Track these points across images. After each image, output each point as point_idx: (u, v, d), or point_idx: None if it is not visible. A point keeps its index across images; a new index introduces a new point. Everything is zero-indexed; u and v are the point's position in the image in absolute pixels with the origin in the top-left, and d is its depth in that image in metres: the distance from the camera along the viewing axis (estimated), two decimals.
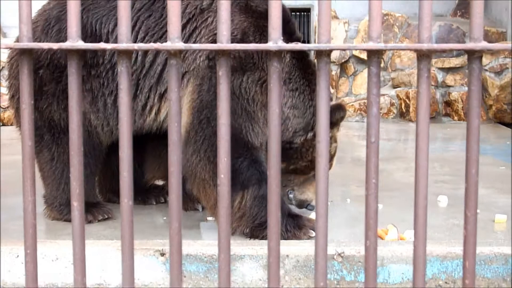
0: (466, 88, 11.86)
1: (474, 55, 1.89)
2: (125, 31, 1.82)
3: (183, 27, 4.63)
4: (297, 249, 4.10)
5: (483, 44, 1.87)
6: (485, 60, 12.00)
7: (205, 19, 4.63)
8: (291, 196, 4.98)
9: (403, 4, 11.48)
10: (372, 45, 1.88)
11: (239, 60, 4.51)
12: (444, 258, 4.02)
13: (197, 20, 4.63)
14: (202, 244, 4.17)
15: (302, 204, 4.98)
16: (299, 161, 4.82)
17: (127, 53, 1.82)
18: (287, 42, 1.91)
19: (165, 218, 5.17)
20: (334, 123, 4.74)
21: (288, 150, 4.71)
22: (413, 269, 2.04)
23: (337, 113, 4.75)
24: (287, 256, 4.07)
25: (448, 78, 11.27)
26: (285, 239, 4.35)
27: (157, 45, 1.82)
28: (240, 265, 4.07)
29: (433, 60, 12.10)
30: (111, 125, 4.93)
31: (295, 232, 4.45)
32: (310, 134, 4.74)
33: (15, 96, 5.10)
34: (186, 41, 4.60)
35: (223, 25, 1.85)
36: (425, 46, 1.87)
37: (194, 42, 4.58)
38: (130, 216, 1.92)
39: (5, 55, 10.74)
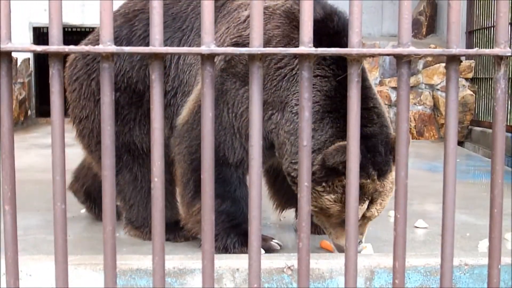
0: (419, 107, 12.17)
1: (402, 60, 1.93)
2: (56, 33, 1.82)
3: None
4: (247, 263, 4.10)
5: (411, 49, 1.91)
6: (437, 79, 12.18)
7: (237, 17, 4.54)
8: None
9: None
10: (303, 49, 1.91)
11: (247, 69, 4.10)
12: (391, 270, 4.05)
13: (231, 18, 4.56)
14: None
15: (341, 249, 4.45)
16: None
17: (57, 55, 1.83)
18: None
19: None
20: (331, 169, 4.08)
21: (294, 185, 4.36)
22: (345, 279, 2.07)
23: (336, 156, 4.05)
24: (238, 269, 4.06)
25: None
26: (231, 253, 4.38)
27: (89, 48, 1.83)
28: (190, 279, 4.04)
29: (387, 80, 12.27)
30: None
31: (242, 249, 4.45)
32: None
33: (93, 120, 5.02)
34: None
35: (156, 29, 1.87)
36: (354, 50, 1.90)
37: (220, 40, 4.49)
38: (64, 219, 1.92)
39: None
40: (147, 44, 4.71)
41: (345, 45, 4.41)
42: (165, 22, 4.71)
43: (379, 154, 4.12)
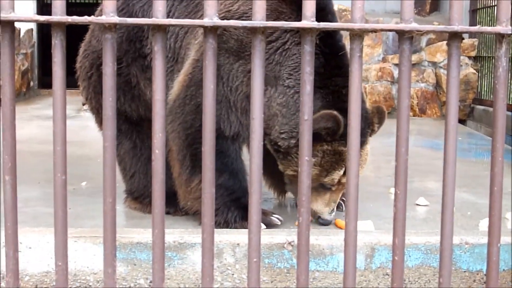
0: (421, 85, 12.15)
1: (404, 36, 1.93)
2: (59, 3, 1.82)
3: None
4: (247, 238, 4.10)
5: (413, 25, 1.91)
6: (440, 57, 12.14)
7: None
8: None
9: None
10: (306, 23, 1.91)
11: (239, 44, 4.33)
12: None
13: None
14: None
15: (312, 216, 4.55)
16: (287, 168, 4.52)
17: (59, 25, 1.83)
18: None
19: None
20: (314, 134, 4.08)
21: (277, 153, 4.49)
22: (344, 256, 2.07)
23: (321, 122, 4.21)
24: (238, 244, 4.07)
25: None
26: (231, 228, 4.40)
27: (91, 18, 1.83)
28: (191, 253, 4.06)
29: (390, 56, 12.23)
30: None
31: (242, 223, 4.46)
32: (292, 142, 4.33)
33: (89, 98, 5.14)
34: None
35: (159, 1, 1.86)
36: (357, 25, 1.90)
37: None
38: (64, 191, 1.92)
39: None
40: (124, 14, 4.77)
41: (329, 21, 4.35)
42: None
43: None
